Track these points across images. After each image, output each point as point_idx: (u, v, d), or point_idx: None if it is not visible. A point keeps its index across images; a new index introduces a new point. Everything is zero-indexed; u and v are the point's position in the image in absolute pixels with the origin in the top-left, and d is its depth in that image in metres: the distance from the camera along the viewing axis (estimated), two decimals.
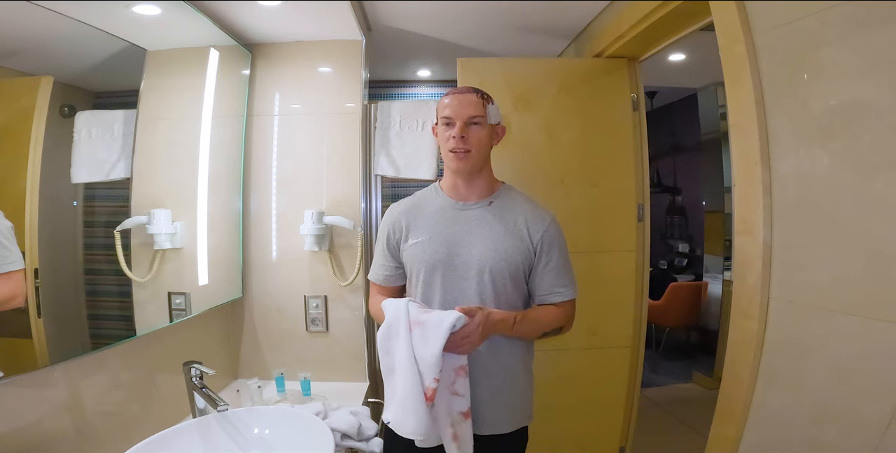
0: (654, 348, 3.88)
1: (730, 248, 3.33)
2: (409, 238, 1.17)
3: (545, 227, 1.13)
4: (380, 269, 1.24)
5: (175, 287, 1.41)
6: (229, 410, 1.10)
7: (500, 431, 1.13)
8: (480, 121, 1.11)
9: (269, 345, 1.81)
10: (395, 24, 2.07)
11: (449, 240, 1.13)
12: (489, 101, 1.13)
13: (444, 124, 1.12)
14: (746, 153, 1.13)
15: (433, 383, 0.96)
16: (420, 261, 1.14)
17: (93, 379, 1.11)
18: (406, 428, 0.99)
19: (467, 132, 1.09)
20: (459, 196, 1.17)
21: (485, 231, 1.13)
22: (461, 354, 1.01)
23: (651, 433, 2.54)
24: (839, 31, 0.92)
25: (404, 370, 0.98)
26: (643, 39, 1.77)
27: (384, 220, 1.23)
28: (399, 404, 0.99)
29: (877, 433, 0.85)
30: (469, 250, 1.11)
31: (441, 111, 1.13)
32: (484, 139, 1.12)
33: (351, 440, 1.31)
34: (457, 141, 1.09)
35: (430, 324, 0.98)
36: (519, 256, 1.11)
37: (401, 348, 0.99)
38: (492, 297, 1.10)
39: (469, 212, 1.16)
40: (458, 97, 1.11)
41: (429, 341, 0.97)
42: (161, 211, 1.32)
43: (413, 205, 1.22)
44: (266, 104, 1.81)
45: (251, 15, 1.57)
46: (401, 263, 1.20)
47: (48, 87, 0.96)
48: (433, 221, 1.16)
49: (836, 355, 0.95)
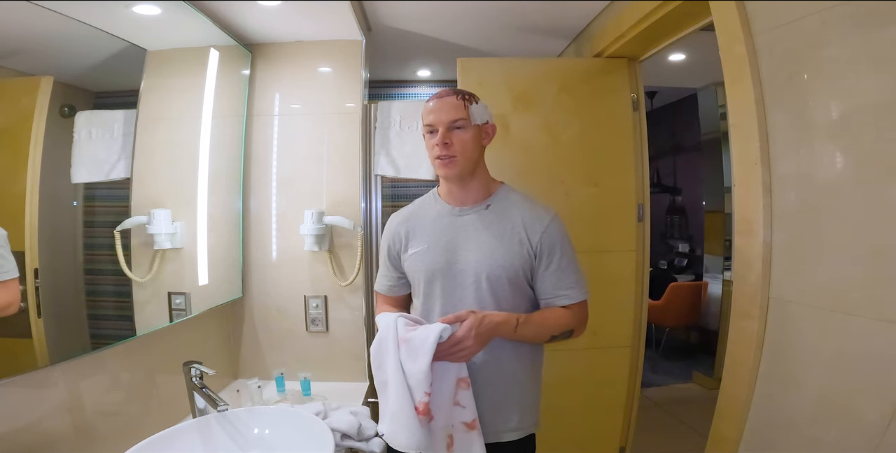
0: (654, 348, 3.87)
1: (730, 248, 3.33)
2: (408, 248, 1.16)
3: (544, 228, 1.09)
4: (384, 280, 1.23)
5: (175, 287, 1.41)
6: (229, 410, 1.10)
7: (506, 439, 1.11)
8: (463, 125, 1.07)
9: (269, 345, 1.81)
10: (395, 24, 2.07)
11: (446, 248, 1.11)
12: (472, 101, 1.09)
13: (428, 132, 1.09)
14: (746, 153, 1.12)
15: (424, 397, 0.96)
16: (420, 270, 1.13)
17: (93, 379, 1.11)
18: (398, 441, 0.98)
19: (450, 137, 1.06)
20: (456, 201, 1.15)
21: (481, 237, 1.10)
22: (458, 361, 1.01)
23: (651, 433, 2.54)
24: (839, 31, 0.92)
25: (395, 385, 0.98)
26: (643, 39, 1.77)
27: (385, 231, 1.22)
28: (391, 417, 0.99)
29: (877, 433, 0.85)
30: (466, 257, 1.10)
31: (424, 118, 1.09)
32: (469, 142, 1.08)
33: (351, 440, 1.31)
34: (440, 148, 1.06)
35: (415, 340, 0.98)
36: (517, 260, 1.08)
37: (390, 364, 0.99)
38: (492, 304, 1.08)
39: (465, 218, 1.13)
40: (437, 102, 1.08)
41: (416, 358, 0.97)
42: (161, 211, 1.32)
43: (411, 213, 1.20)
44: (266, 104, 1.81)
45: (251, 15, 1.57)
46: (403, 273, 1.19)
47: (48, 87, 0.96)
48: (431, 229, 1.14)
49: (836, 355, 0.95)
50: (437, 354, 0.97)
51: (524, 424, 1.13)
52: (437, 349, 0.96)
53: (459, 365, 1.02)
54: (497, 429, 1.10)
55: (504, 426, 1.11)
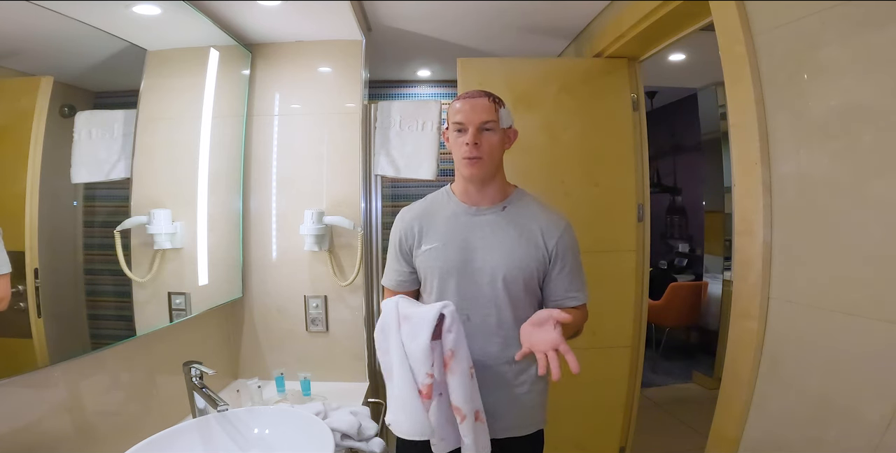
0: (654, 348, 3.88)
1: (730, 248, 3.33)
2: (422, 243, 1.15)
3: (560, 234, 1.12)
4: (393, 274, 1.22)
5: (175, 287, 1.41)
6: (229, 410, 1.10)
7: (517, 434, 1.13)
8: (493, 127, 1.08)
9: (269, 345, 1.81)
10: (395, 24, 2.07)
11: (463, 246, 1.12)
12: (501, 105, 1.11)
13: (456, 130, 1.10)
14: (746, 153, 1.13)
15: (427, 379, 0.95)
16: (434, 267, 1.13)
17: (93, 379, 1.11)
18: (401, 427, 0.98)
19: (480, 138, 1.07)
20: (472, 201, 1.15)
21: (499, 237, 1.11)
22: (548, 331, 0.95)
23: (651, 433, 2.54)
24: (839, 31, 0.92)
25: (398, 367, 0.98)
26: (643, 39, 1.77)
27: (396, 225, 1.21)
28: (396, 402, 0.99)
29: (877, 433, 0.85)
30: (483, 256, 1.10)
31: (452, 116, 1.10)
32: (496, 145, 1.09)
33: (351, 440, 1.31)
34: (470, 148, 1.07)
35: (415, 317, 0.98)
36: (533, 263, 1.10)
37: (393, 345, 1.00)
38: (506, 303, 1.10)
39: (482, 218, 1.14)
40: (469, 102, 1.09)
41: (417, 335, 0.97)
42: (161, 211, 1.32)
43: (425, 210, 1.20)
44: (266, 104, 1.81)
45: (251, 15, 1.57)
46: (414, 268, 1.19)
47: (48, 87, 0.96)
48: (446, 227, 1.14)
49: (836, 355, 0.95)
50: (540, 321, 0.95)
51: (535, 420, 1.16)
52: (537, 319, 0.95)
53: (467, 356, 1.01)
54: (509, 425, 1.12)
55: (516, 421, 1.13)
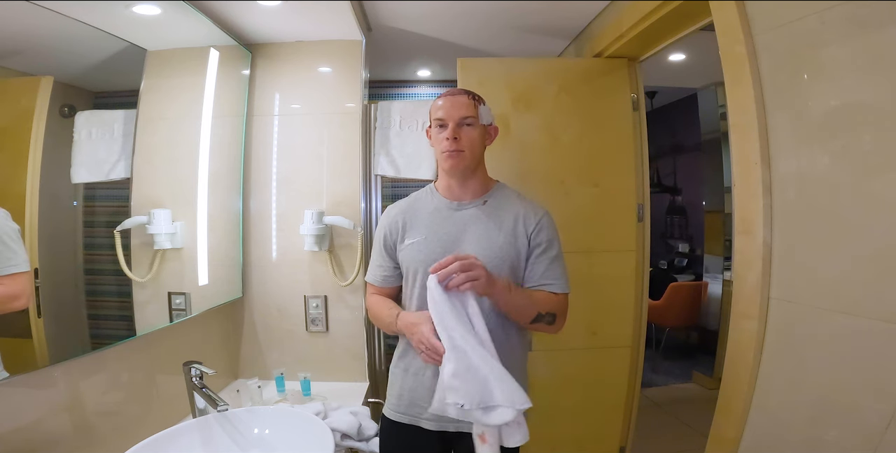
0: (654, 348, 3.88)
1: (730, 248, 3.33)
2: (405, 238, 1.18)
3: (538, 220, 1.16)
4: (377, 270, 1.24)
5: (175, 287, 1.41)
6: (229, 410, 1.10)
7: None
8: (472, 122, 1.13)
9: (269, 345, 1.81)
10: (395, 24, 2.06)
11: (444, 239, 1.14)
12: (480, 103, 1.16)
13: (437, 126, 1.15)
14: (746, 153, 1.12)
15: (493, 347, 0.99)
16: (416, 261, 1.14)
17: (93, 379, 1.11)
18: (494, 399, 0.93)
19: (460, 133, 1.12)
20: (454, 196, 1.20)
21: (479, 229, 1.14)
22: (468, 283, 0.98)
23: (651, 433, 2.54)
24: (839, 31, 0.92)
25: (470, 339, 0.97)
26: (643, 39, 1.77)
27: (381, 221, 1.25)
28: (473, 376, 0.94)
29: (877, 433, 0.85)
30: (465, 249, 1.12)
31: (434, 113, 1.16)
32: (476, 139, 1.15)
33: (351, 440, 1.31)
34: (450, 142, 1.12)
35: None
36: (513, 252, 1.13)
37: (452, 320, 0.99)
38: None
39: (464, 212, 1.17)
40: (450, 99, 1.14)
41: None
42: (161, 211, 1.32)
43: (409, 205, 1.23)
44: (266, 104, 1.81)
45: (251, 15, 1.57)
46: (398, 264, 1.21)
47: (48, 87, 0.96)
48: (429, 222, 1.18)
49: (836, 355, 0.95)
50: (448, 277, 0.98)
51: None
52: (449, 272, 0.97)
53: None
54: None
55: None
